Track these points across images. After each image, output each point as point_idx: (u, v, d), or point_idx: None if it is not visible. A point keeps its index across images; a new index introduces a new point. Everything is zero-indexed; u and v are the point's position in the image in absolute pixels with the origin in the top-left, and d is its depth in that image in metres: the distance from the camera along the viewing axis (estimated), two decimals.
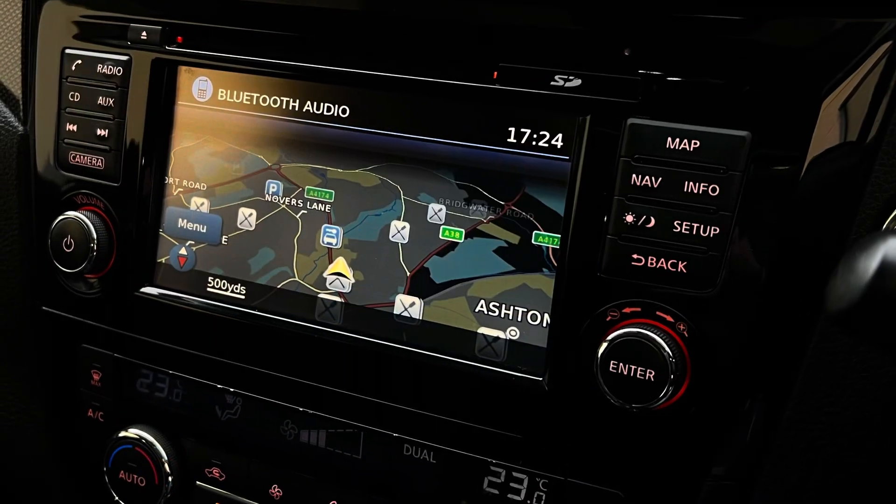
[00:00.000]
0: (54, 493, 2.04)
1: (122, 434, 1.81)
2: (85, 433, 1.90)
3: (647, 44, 1.35)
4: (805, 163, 1.27)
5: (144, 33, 1.70)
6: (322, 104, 1.60)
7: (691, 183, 1.31)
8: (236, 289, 1.68)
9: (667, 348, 1.32)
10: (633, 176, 1.34)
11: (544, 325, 1.46)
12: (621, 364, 1.35)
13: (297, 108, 1.62)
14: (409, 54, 1.52)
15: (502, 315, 1.49)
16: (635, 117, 1.35)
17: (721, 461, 1.39)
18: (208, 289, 1.71)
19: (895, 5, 1.26)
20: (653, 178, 1.33)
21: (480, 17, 1.48)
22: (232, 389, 1.71)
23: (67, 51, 1.78)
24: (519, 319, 1.48)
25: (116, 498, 1.83)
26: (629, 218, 1.35)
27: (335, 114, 1.59)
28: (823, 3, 1.28)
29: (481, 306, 1.50)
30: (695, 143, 1.31)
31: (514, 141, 1.46)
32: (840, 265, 1.11)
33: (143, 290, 1.75)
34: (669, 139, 1.32)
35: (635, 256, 1.36)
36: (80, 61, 1.76)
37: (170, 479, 1.78)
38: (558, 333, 1.44)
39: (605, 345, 1.36)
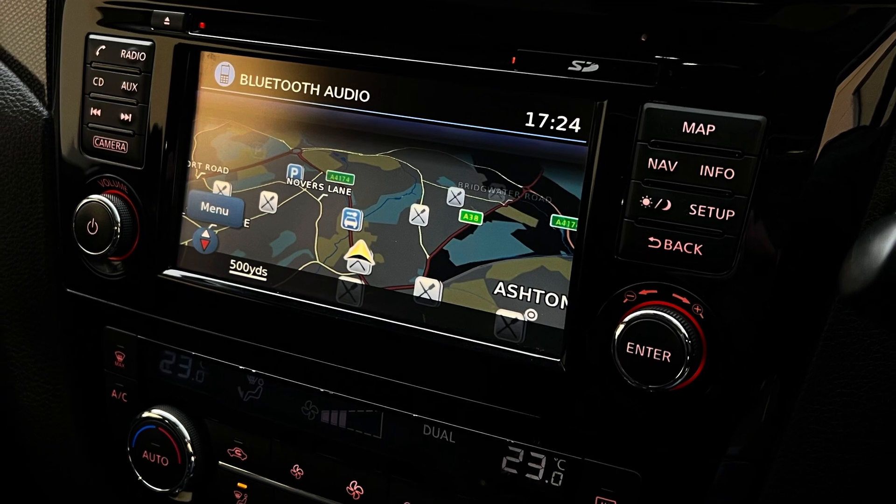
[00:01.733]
0: (78, 472, 2.06)
1: (146, 414, 1.82)
2: (109, 414, 1.92)
3: (664, 29, 1.36)
4: (819, 147, 1.28)
5: (167, 19, 1.72)
6: (343, 89, 1.61)
7: (707, 167, 1.32)
8: (258, 271, 1.70)
9: (683, 330, 1.33)
10: (650, 160, 1.36)
11: (562, 307, 1.47)
12: (638, 345, 1.36)
13: (318, 93, 1.63)
14: (429, 39, 1.53)
15: (520, 297, 1.50)
16: (652, 102, 1.36)
17: (736, 442, 1.40)
18: (230, 271, 1.72)
19: None
20: (669, 162, 1.34)
21: (499, 3, 1.49)
22: (254, 370, 1.73)
23: (91, 36, 1.79)
24: (537, 301, 1.49)
25: (140, 478, 1.84)
26: (646, 201, 1.36)
27: (356, 98, 1.60)
28: None
29: (500, 288, 1.52)
30: (710, 128, 1.32)
31: (532, 125, 1.47)
32: (854, 248, 1.12)
33: (166, 272, 1.77)
34: (685, 124, 1.33)
35: (652, 239, 1.37)
36: (103, 47, 1.78)
37: (192, 458, 1.79)
38: (576, 315, 1.45)
39: (621, 326, 1.37)
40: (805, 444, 1.37)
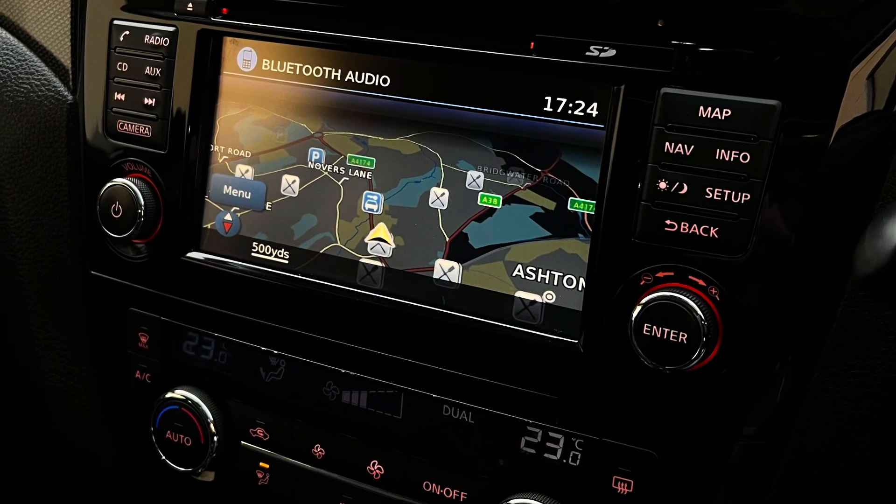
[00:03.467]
0: (103, 452, 2.08)
1: (169, 395, 1.84)
2: (132, 394, 1.94)
3: (681, 15, 1.37)
4: (833, 131, 1.29)
5: (190, 5, 1.73)
6: (363, 74, 1.62)
7: (723, 151, 1.33)
8: (280, 254, 1.71)
9: (699, 311, 1.34)
10: (667, 144, 1.37)
11: (580, 289, 1.49)
12: (655, 327, 1.37)
13: (339, 78, 1.65)
14: (448, 25, 1.54)
15: (539, 279, 1.52)
16: (668, 87, 1.37)
17: (752, 422, 1.41)
18: (253, 254, 1.74)
19: None
20: (685, 146, 1.35)
21: None
22: (276, 351, 1.74)
23: (116, 22, 1.81)
24: (555, 283, 1.51)
25: (163, 457, 1.86)
26: (662, 185, 1.37)
27: (376, 83, 1.61)
28: None
29: (518, 271, 1.53)
30: (726, 112, 1.33)
31: (551, 110, 1.49)
32: (867, 231, 1.13)
33: (189, 254, 1.79)
34: (702, 108, 1.34)
35: (668, 222, 1.38)
36: (127, 32, 1.79)
37: (215, 438, 1.81)
38: (593, 297, 1.46)
39: (638, 308, 1.38)
40: (819, 424, 1.38)
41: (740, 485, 1.45)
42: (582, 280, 1.48)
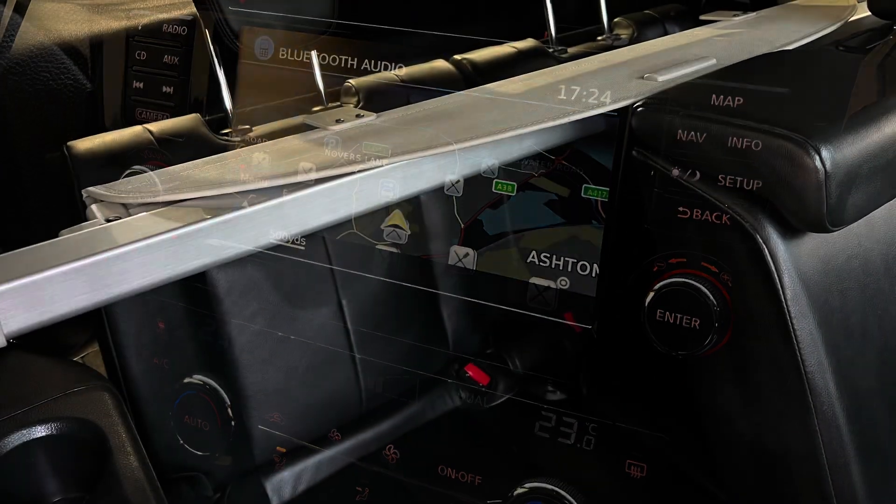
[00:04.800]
0: None
1: (187, 380, 1.85)
2: (150, 380, 1.95)
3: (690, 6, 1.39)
4: (844, 119, 1.30)
5: None
6: (379, 63, 1.63)
7: (734, 139, 1.34)
8: (297, 240, 1.72)
9: (711, 297, 1.36)
10: (679, 131, 1.38)
11: (593, 275, 1.50)
12: (667, 313, 1.38)
13: (354, 67, 1.66)
14: (463, 16, 1.55)
15: (553, 266, 1.53)
16: None
17: (763, 407, 1.42)
18: (270, 240, 1.75)
19: None
20: (697, 134, 1.37)
21: None
22: (292, 337, 1.76)
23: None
24: (569, 270, 1.51)
25: (181, 441, 1.88)
26: (675, 172, 1.39)
27: (392, 72, 1.62)
28: None
29: (533, 257, 1.54)
30: (738, 101, 1.34)
31: (565, 98, 1.50)
32: None
33: (206, 241, 1.80)
34: (713, 96, 1.35)
35: (681, 209, 1.39)
36: (146, 21, 1.81)
37: (232, 423, 1.83)
38: (607, 283, 1.47)
39: (651, 294, 1.39)
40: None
41: (751, 470, 1.46)
42: (595, 266, 1.49)
